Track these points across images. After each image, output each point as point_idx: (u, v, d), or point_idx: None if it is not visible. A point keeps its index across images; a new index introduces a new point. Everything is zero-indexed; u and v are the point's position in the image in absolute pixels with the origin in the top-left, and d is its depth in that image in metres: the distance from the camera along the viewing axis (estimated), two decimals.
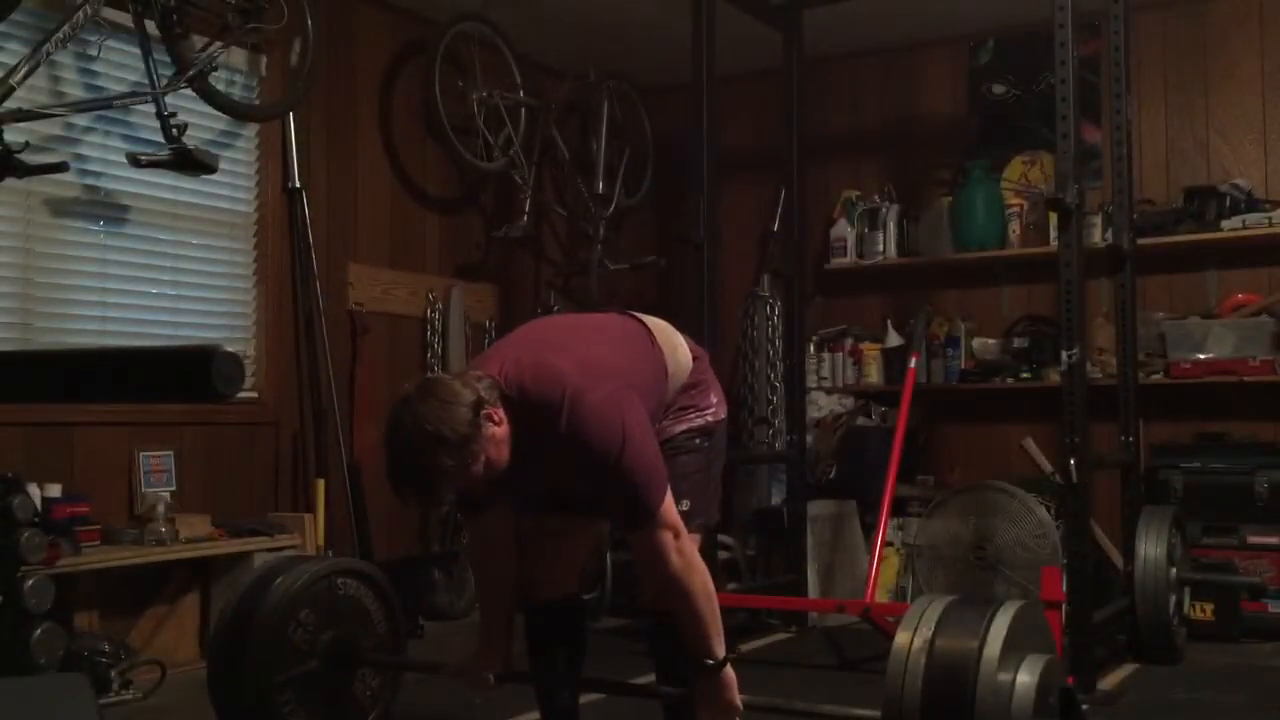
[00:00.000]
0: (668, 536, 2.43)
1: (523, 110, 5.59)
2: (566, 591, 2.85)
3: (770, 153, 5.60)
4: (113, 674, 3.68)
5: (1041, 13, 4.00)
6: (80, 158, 4.09)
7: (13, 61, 3.55)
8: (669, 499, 2.45)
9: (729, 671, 2.52)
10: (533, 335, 2.67)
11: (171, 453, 4.31)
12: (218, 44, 4.02)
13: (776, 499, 5.45)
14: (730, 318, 5.77)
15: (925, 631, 2.19)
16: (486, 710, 3.54)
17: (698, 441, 2.68)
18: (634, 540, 2.48)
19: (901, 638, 2.22)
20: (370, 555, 4.67)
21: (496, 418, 2.35)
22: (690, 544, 2.47)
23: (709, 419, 2.71)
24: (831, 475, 5.50)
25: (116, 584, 4.01)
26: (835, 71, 5.97)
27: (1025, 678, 2.14)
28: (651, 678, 2.89)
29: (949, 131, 5.80)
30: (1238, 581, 4.52)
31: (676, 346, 2.71)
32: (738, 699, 2.53)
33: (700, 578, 2.47)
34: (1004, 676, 2.12)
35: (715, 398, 2.75)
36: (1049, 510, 4.70)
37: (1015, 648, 2.17)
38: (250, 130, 4.70)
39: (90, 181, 4.15)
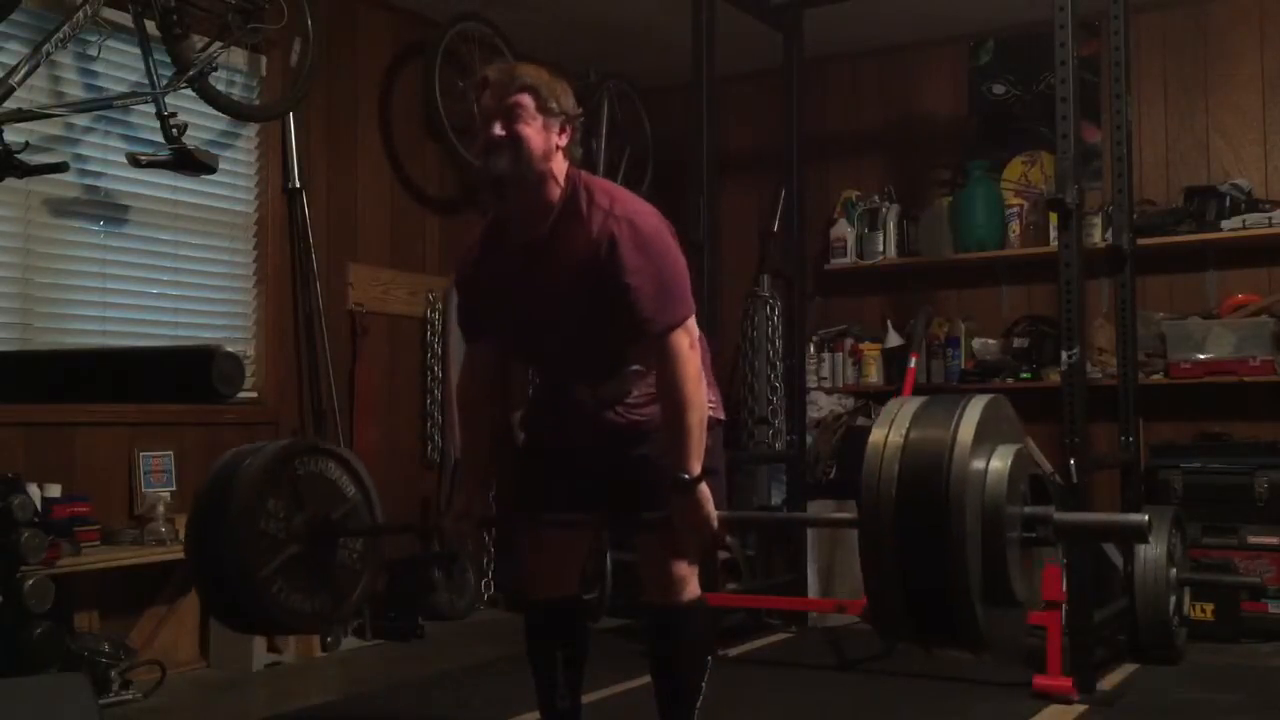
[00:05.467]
0: (686, 341, 2.51)
1: None
2: (566, 592, 2.84)
3: (770, 153, 5.60)
4: (113, 674, 3.69)
5: (1041, 13, 4.01)
6: (80, 158, 4.09)
7: (13, 61, 3.55)
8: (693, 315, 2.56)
9: (704, 488, 2.51)
10: None
11: (171, 453, 4.31)
12: (218, 44, 4.02)
13: (776, 499, 5.45)
14: (730, 318, 5.76)
15: (900, 427, 2.22)
16: (486, 710, 3.54)
17: None
18: (656, 345, 2.52)
19: (877, 434, 2.24)
20: None
21: (570, 135, 2.54)
22: (698, 359, 2.55)
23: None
24: (831, 475, 5.49)
25: (116, 584, 4.01)
26: (835, 71, 5.97)
27: (997, 464, 2.18)
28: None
29: (949, 131, 5.80)
30: (1238, 581, 4.52)
31: None
32: (713, 514, 2.52)
33: (701, 392, 2.54)
34: (976, 464, 2.16)
35: (714, 397, 2.75)
36: None
37: (986, 438, 2.20)
38: (250, 130, 4.70)
39: (90, 181, 4.15)
